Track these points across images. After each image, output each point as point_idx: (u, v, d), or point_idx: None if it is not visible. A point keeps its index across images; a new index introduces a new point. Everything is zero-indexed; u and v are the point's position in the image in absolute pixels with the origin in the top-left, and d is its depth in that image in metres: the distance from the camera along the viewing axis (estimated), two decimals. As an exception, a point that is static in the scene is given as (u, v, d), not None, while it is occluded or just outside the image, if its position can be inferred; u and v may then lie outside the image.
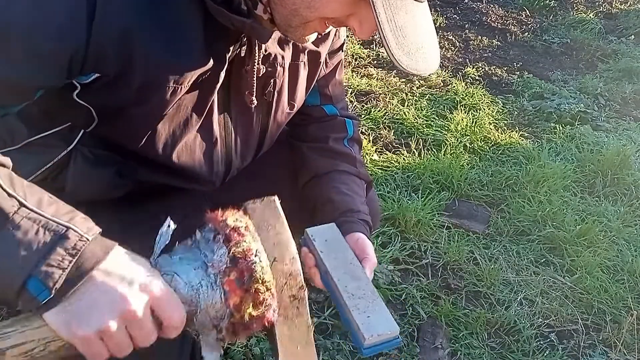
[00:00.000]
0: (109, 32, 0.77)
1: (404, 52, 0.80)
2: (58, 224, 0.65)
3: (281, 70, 1.02)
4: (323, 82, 1.21)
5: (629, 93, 3.48)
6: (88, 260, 0.65)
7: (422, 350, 1.60)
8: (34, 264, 0.62)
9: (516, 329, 1.73)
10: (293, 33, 0.89)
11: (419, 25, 0.84)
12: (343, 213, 1.12)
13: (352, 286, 0.94)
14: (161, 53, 0.83)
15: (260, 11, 0.87)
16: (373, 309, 0.90)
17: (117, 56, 0.80)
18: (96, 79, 0.83)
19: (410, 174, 2.37)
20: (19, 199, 0.65)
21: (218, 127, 1.01)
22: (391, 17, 0.78)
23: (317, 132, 1.25)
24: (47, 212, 0.65)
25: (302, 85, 1.11)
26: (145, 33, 0.80)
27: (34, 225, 0.64)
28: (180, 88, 0.88)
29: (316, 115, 1.25)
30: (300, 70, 1.08)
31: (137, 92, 0.85)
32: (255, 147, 1.13)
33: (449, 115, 2.86)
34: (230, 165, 1.09)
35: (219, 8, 0.82)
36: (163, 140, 0.95)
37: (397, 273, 1.85)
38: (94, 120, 0.89)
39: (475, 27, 4.21)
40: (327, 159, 1.22)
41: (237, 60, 0.94)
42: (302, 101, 1.15)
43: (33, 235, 0.63)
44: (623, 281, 1.99)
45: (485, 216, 2.23)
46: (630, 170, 2.59)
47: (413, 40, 0.81)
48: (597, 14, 4.81)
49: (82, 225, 0.66)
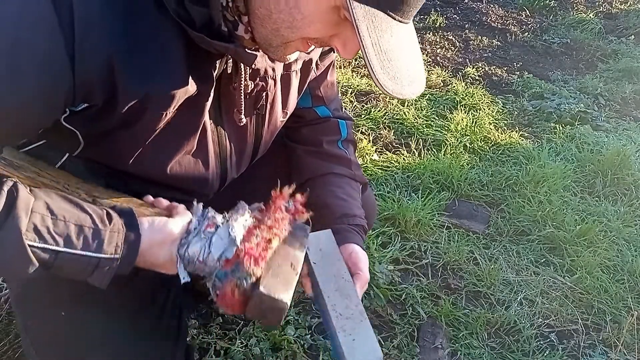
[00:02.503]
0: (90, 67, 0.76)
1: (389, 77, 0.77)
2: (90, 258, 0.76)
3: (272, 83, 1.00)
4: (314, 83, 1.20)
5: (629, 93, 3.48)
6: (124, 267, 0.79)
7: (422, 350, 1.60)
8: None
9: (516, 329, 1.73)
10: (274, 52, 0.87)
11: (404, 48, 0.80)
12: (339, 218, 1.12)
13: (341, 305, 0.93)
14: (142, 85, 0.81)
15: (241, 31, 0.85)
16: (359, 332, 0.90)
17: (103, 86, 0.79)
18: (86, 108, 0.82)
19: (410, 174, 2.37)
20: (52, 249, 0.74)
21: (212, 144, 0.99)
22: (376, 40, 0.75)
23: (311, 134, 1.24)
24: (78, 246, 0.76)
25: (294, 93, 1.10)
26: (125, 62, 0.78)
27: (72, 262, 0.76)
28: (166, 113, 0.87)
29: (309, 118, 1.24)
30: (293, 79, 1.07)
31: (123, 117, 0.84)
32: (250, 156, 1.12)
33: (449, 115, 2.86)
34: (226, 178, 1.09)
35: (199, 35, 0.80)
36: (152, 161, 0.94)
37: (397, 273, 1.85)
38: (79, 144, 0.89)
39: (475, 27, 4.21)
40: (322, 162, 1.22)
41: (225, 76, 0.92)
42: (294, 106, 1.14)
43: (75, 267, 0.77)
44: (623, 281, 1.99)
45: (485, 216, 2.23)
46: (630, 170, 2.59)
47: (398, 63, 0.78)
48: (597, 14, 4.81)
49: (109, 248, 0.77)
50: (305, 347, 1.53)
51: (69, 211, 0.76)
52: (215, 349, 1.48)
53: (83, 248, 0.76)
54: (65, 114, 0.83)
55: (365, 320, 0.92)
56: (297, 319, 1.59)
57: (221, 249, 0.83)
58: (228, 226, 0.85)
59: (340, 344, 0.88)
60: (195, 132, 0.94)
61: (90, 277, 0.78)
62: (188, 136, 0.94)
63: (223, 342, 1.50)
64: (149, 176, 0.96)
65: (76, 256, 0.75)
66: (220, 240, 0.83)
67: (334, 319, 0.91)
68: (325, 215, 1.13)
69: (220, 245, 0.83)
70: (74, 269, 0.77)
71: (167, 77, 0.83)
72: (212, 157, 1.01)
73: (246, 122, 1.02)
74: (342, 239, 1.07)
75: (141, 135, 0.89)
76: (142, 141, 0.90)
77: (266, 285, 0.82)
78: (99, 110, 0.82)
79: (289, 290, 0.84)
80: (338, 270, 0.99)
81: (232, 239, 0.83)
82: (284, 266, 0.87)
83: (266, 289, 0.82)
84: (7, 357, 1.38)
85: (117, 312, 0.98)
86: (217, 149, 1.01)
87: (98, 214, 0.78)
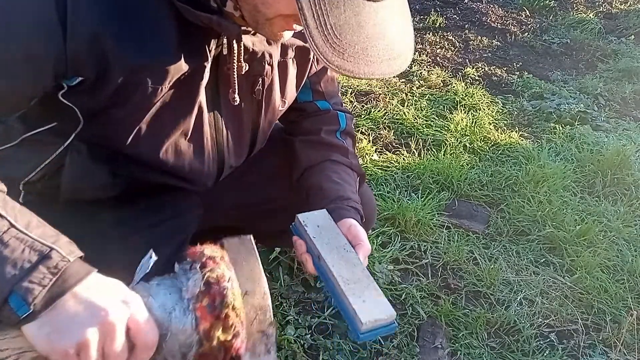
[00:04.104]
0: (80, 38, 0.77)
1: (335, 52, 0.75)
2: (43, 245, 0.68)
3: (269, 69, 1.00)
4: (315, 78, 1.21)
5: (629, 93, 3.48)
6: (69, 279, 0.68)
7: (422, 350, 1.60)
8: (17, 280, 0.65)
9: (516, 329, 1.73)
10: (262, 30, 0.88)
11: (367, 26, 0.77)
12: (333, 200, 1.12)
13: (347, 271, 0.92)
14: (134, 55, 0.82)
15: (230, 8, 0.86)
16: (369, 294, 0.89)
17: (92, 60, 0.80)
18: (80, 82, 0.83)
19: (410, 174, 2.38)
20: (9, 220, 0.69)
21: (208, 126, 1.00)
22: (321, 13, 0.73)
23: (310, 125, 1.25)
24: (34, 233, 0.69)
25: (292, 82, 1.10)
26: (114, 36, 0.79)
27: (21, 245, 0.67)
28: (161, 89, 0.87)
29: (309, 111, 1.25)
30: (290, 67, 1.07)
31: (116, 94, 0.85)
32: (248, 145, 1.12)
33: (448, 116, 2.86)
34: (223, 164, 1.08)
35: (184, 6, 0.81)
36: (148, 140, 0.94)
37: (397, 273, 1.85)
38: (79, 121, 0.89)
39: (475, 27, 4.21)
40: (319, 151, 1.22)
41: (222, 58, 0.93)
42: (293, 97, 1.15)
43: (19, 253, 0.66)
44: (623, 281, 1.99)
45: (485, 216, 2.23)
46: (630, 170, 2.59)
47: (350, 39, 0.76)
48: (597, 14, 4.81)
49: (65, 248, 0.69)
50: (305, 347, 1.53)
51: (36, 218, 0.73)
52: (215, 348, 1.48)
53: (39, 236, 0.69)
54: (63, 90, 0.84)
55: (373, 283, 0.91)
56: (297, 319, 1.59)
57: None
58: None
59: (352, 305, 0.86)
60: (191, 112, 0.94)
61: (25, 275, 0.66)
62: (184, 116, 0.94)
63: (223, 342, 1.50)
64: (145, 157, 0.96)
65: (27, 239, 0.68)
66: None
67: (342, 285, 0.90)
68: (319, 198, 1.13)
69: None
70: (15, 254, 0.66)
71: (158, 48, 0.84)
72: (208, 140, 1.01)
73: (243, 107, 1.02)
74: (338, 216, 1.07)
75: (137, 112, 0.89)
76: (139, 119, 0.90)
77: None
78: (93, 84, 0.83)
79: None
80: (339, 242, 0.98)
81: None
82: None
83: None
84: (7, 357, 1.38)
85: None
86: (213, 132, 1.02)
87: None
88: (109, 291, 0.70)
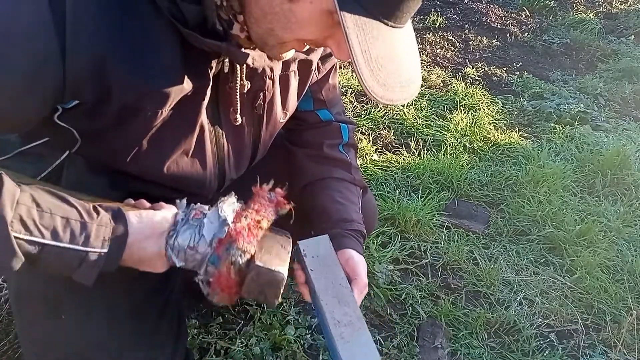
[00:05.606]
0: (81, 62, 0.75)
1: (378, 84, 0.77)
2: (76, 251, 0.75)
3: (270, 83, 0.99)
4: (316, 87, 1.19)
5: (629, 93, 3.48)
6: (112, 262, 0.78)
7: (422, 350, 1.60)
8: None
9: (516, 329, 1.73)
10: (270, 51, 0.88)
11: (397, 54, 0.79)
12: (336, 222, 1.12)
13: (339, 312, 0.93)
14: (136, 79, 0.80)
15: (236, 30, 0.85)
16: (358, 339, 0.90)
17: (93, 85, 0.79)
18: (76, 105, 0.82)
19: (410, 174, 2.38)
20: (38, 241, 0.72)
21: (210, 143, 0.99)
22: (366, 48, 0.74)
23: (312, 138, 1.24)
24: (65, 239, 0.74)
25: (293, 93, 1.09)
26: (118, 60, 0.78)
27: (58, 256, 0.74)
28: (161, 112, 0.86)
29: (311, 121, 1.23)
30: (291, 80, 1.06)
31: (116, 117, 0.84)
32: (249, 157, 1.12)
33: (448, 116, 2.86)
34: (224, 177, 1.08)
35: (191, 33, 0.80)
36: (149, 159, 0.93)
37: (397, 273, 1.85)
38: (77, 140, 0.88)
39: (475, 27, 4.21)
40: (322, 166, 1.21)
41: (222, 76, 0.92)
42: (294, 107, 1.13)
43: (60, 261, 0.75)
44: (623, 281, 1.99)
45: (485, 216, 2.23)
46: (630, 170, 2.59)
47: (390, 68, 0.78)
48: (597, 14, 4.81)
49: (96, 242, 0.76)
50: (305, 347, 1.53)
51: (55, 204, 0.75)
52: (216, 348, 1.48)
53: (69, 241, 0.74)
54: (58, 112, 0.83)
55: (364, 327, 0.92)
56: (297, 319, 1.59)
57: (213, 231, 0.84)
58: (217, 209, 0.86)
59: (339, 351, 0.88)
60: (192, 131, 0.94)
61: (76, 273, 0.76)
62: (185, 135, 0.93)
63: (223, 341, 1.50)
64: (147, 175, 0.96)
65: (62, 249, 0.74)
66: (211, 224, 0.84)
67: (332, 327, 0.91)
68: (322, 219, 1.13)
69: (211, 229, 0.84)
70: (59, 263, 0.75)
71: (161, 74, 0.82)
72: (210, 157, 1.01)
73: (244, 122, 1.01)
74: (339, 244, 1.06)
75: (137, 134, 0.89)
76: (139, 140, 0.90)
77: (262, 259, 0.84)
78: (92, 108, 0.82)
79: (284, 264, 0.86)
80: (335, 277, 0.98)
81: (222, 220, 0.84)
82: (275, 246, 0.90)
83: (263, 262, 0.83)
84: (7, 357, 1.38)
85: (117, 312, 0.97)
86: (214, 148, 1.01)
87: (85, 207, 0.77)
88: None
